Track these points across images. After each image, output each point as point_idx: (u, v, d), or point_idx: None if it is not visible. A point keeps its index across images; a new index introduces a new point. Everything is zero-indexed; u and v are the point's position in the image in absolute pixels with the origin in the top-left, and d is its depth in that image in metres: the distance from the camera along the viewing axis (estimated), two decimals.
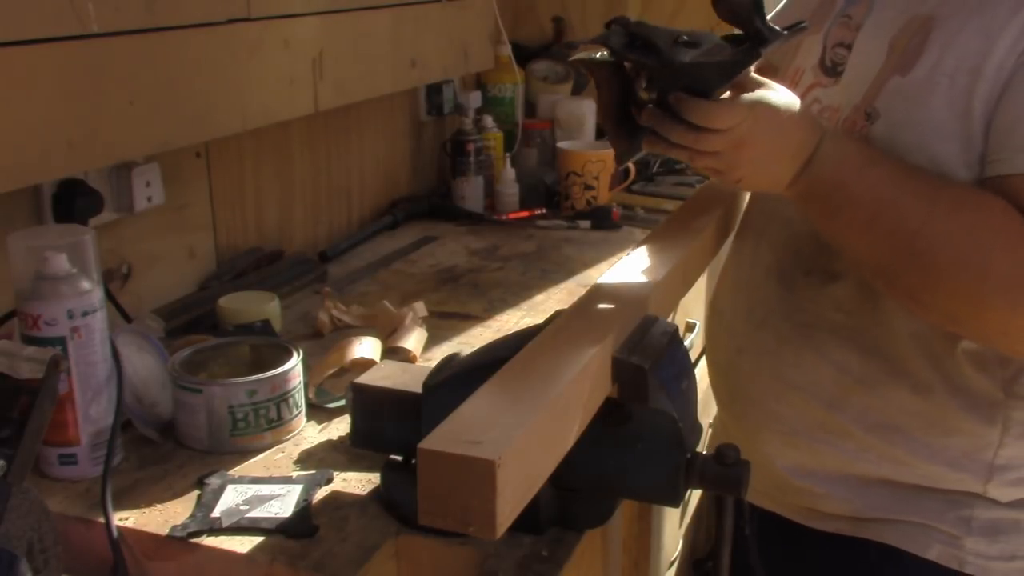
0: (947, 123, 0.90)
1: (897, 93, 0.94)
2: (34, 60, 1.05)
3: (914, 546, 1.00)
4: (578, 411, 0.77)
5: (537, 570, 0.86)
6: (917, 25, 0.94)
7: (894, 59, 0.95)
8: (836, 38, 1.04)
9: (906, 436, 0.99)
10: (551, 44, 2.36)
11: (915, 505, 1.01)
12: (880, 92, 0.95)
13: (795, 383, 1.04)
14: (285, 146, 1.68)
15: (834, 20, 1.05)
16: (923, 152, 0.91)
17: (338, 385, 1.17)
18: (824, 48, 1.05)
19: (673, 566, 1.66)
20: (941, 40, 0.92)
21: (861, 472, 1.02)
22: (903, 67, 0.94)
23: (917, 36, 0.94)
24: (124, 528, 0.91)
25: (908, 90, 0.93)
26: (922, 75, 0.92)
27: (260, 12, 1.38)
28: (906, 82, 0.93)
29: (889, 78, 0.95)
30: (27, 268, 0.96)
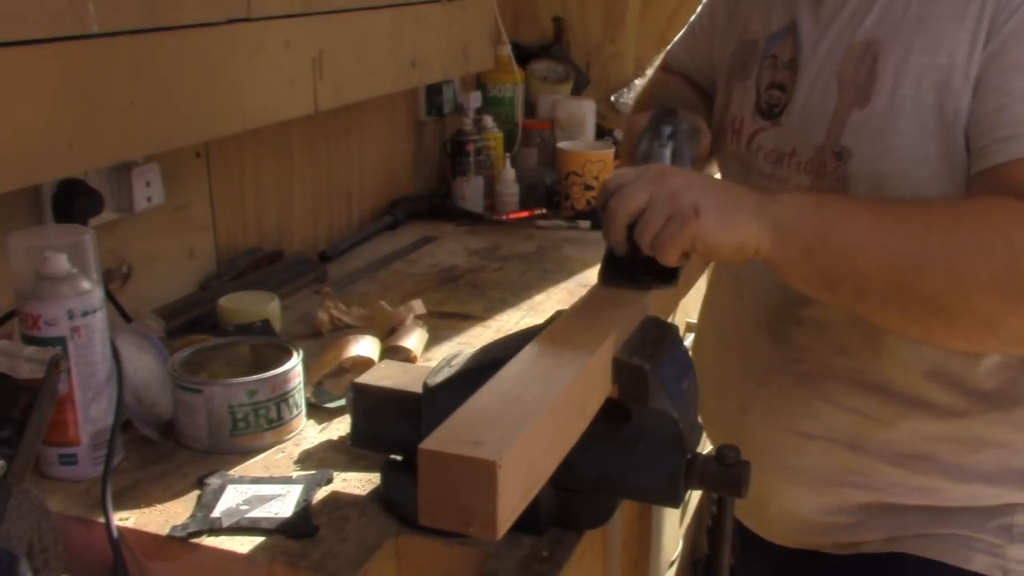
0: (923, 145, 0.88)
1: (863, 127, 0.91)
2: (34, 60, 1.05)
3: (955, 558, 0.97)
4: (579, 412, 0.77)
5: (537, 570, 0.86)
6: (859, 53, 0.92)
7: (848, 93, 0.93)
8: (767, 80, 1.02)
9: (936, 462, 0.97)
10: (551, 44, 2.36)
11: (954, 519, 0.98)
12: (844, 129, 0.92)
13: (811, 434, 1.01)
14: (285, 146, 1.68)
15: (761, 63, 1.03)
16: (906, 180, 0.89)
17: (338, 385, 1.17)
18: (758, 92, 1.03)
19: (673, 566, 1.66)
20: (892, 65, 0.90)
21: (894, 501, 1.00)
22: (860, 99, 0.92)
23: (864, 64, 0.91)
24: (124, 528, 0.91)
25: (873, 121, 0.90)
26: (883, 103, 0.90)
27: (260, 12, 1.38)
28: (868, 114, 0.91)
29: (848, 113, 0.92)
30: (27, 268, 0.95)
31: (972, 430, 0.96)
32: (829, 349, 0.98)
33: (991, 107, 0.84)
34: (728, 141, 1.08)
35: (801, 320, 1.00)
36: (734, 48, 1.10)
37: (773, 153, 1.01)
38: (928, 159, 0.88)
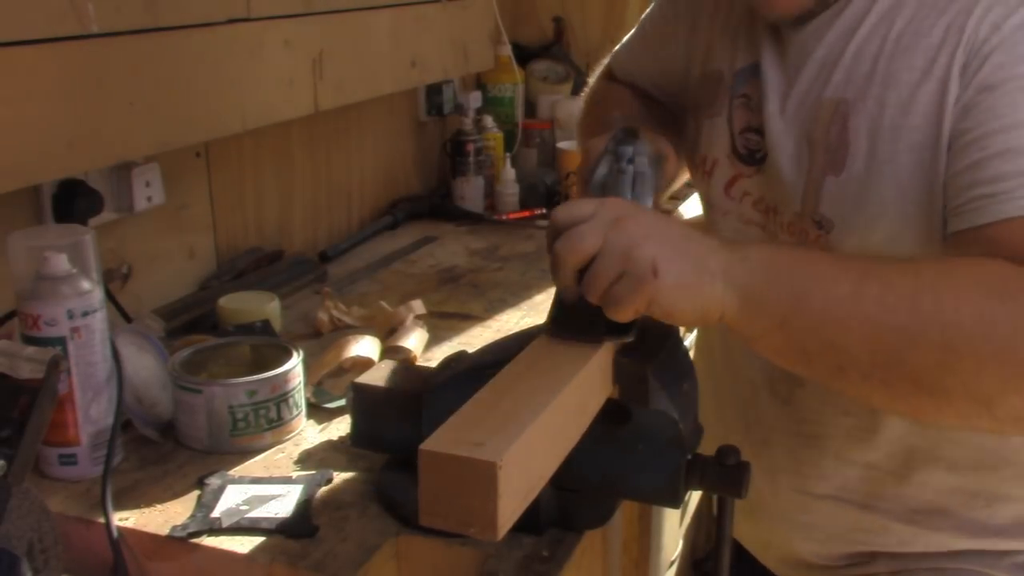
0: (905, 210, 0.82)
1: (840, 195, 0.85)
2: (34, 60, 1.05)
3: None
4: (579, 412, 0.77)
5: (537, 570, 0.86)
6: (828, 113, 0.86)
7: (819, 157, 0.86)
8: (742, 122, 0.95)
9: (949, 516, 0.94)
10: (551, 44, 2.36)
11: (965, 558, 0.96)
12: (820, 197, 0.86)
13: (821, 493, 0.97)
14: (285, 146, 1.68)
15: (732, 102, 0.96)
16: (892, 245, 0.83)
17: (338, 385, 1.17)
18: (732, 134, 0.96)
19: (673, 566, 1.66)
20: (865, 126, 0.84)
21: (909, 550, 0.97)
22: (834, 165, 0.85)
23: (834, 125, 0.85)
24: (124, 528, 0.91)
25: (851, 189, 0.85)
26: (860, 169, 0.84)
27: (260, 12, 1.38)
28: (844, 181, 0.85)
29: (823, 180, 0.86)
30: (27, 268, 0.95)
31: (986, 484, 0.93)
32: (835, 410, 0.94)
33: (966, 162, 0.77)
34: (697, 181, 1.02)
35: (803, 382, 0.94)
36: (697, 77, 1.02)
37: (762, 203, 0.94)
38: (912, 224, 0.83)
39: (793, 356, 0.74)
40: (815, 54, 0.88)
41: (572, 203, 0.75)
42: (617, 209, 0.73)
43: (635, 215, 0.73)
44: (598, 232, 0.71)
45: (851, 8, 0.87)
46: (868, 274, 0.72)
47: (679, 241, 0.72)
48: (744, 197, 0.96)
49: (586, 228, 0.72)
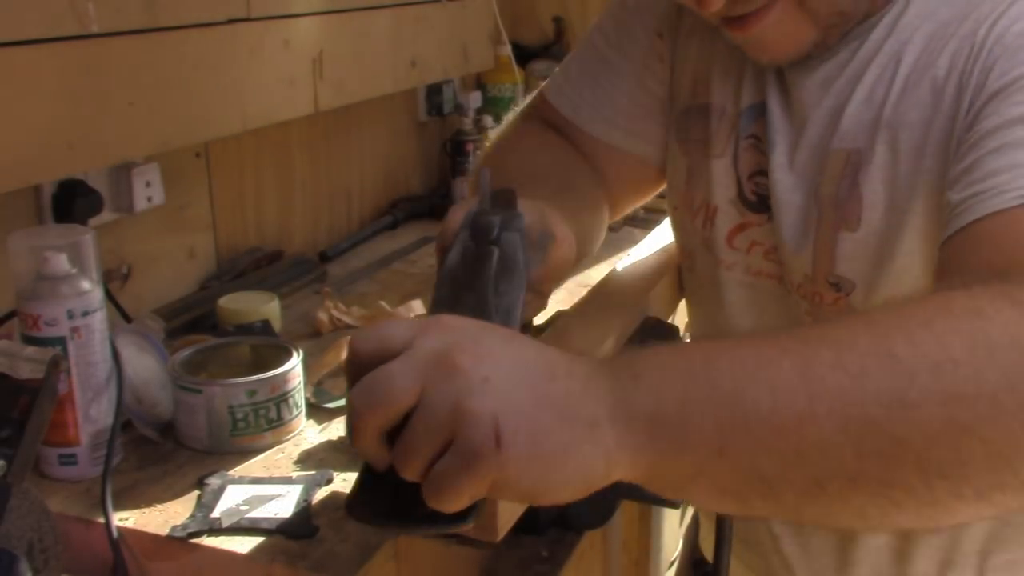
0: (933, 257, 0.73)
1: (859, 254, 0.79)
2: (34, 60, 1.05)
3: None
4: None
5: (537, 570, 0.86)
6: (839, 166, 0.80)
7: (830, 214, 0.80)
8: (751, 166, 0.87)
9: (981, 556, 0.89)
10: (551, 44, 2.36)
11: None
12: (836, 258, 0.80)
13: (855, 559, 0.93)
14: (285, 146, 1.68)
15: (739, 143, 0.87)
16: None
17: (338, 385, 1.17)
18: (738, 179, 0.88)
19: (673, 566, 1.66)
20: (879, 176, 0.78)
21: None
22: (848, 221, 0.79)
23: (844, 179, 0.79)
24: (124, 528, 0.91)
25: (871, 245, 0.78)
26: (878, 223, 0.78)
27: (260, 12, 1.38)
28: (862, 237, 0.79)
29: (836, 237, 0.80)
30: (27, 268, 0.95)
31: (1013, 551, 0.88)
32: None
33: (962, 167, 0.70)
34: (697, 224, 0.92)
35: None
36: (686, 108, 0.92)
37: (775, 252, 0.86)
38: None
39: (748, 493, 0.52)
40: (822, 103, 0.82)
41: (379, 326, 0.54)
42: (443, 335, 0.52)
43: (469, 346, 0.51)
44: (413, 377, 0.50)
45: (861, 53, 0.80)
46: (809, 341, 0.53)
47: (536, 383, 0.51)
48: (752, 248, 0.87)
49: (397, 370, 0.50)
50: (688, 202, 0.91)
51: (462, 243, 0.64)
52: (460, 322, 0.54)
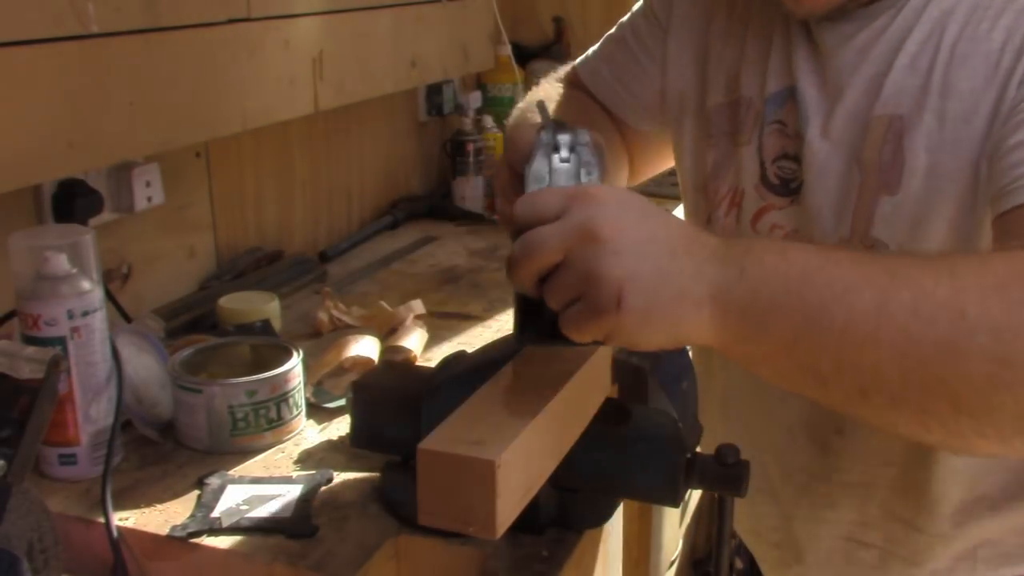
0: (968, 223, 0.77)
1: (896, 216, 0.80)
2: (34, 60, 1.05)
3: None
4: (578, 411, 0.77)
5: (537, 570, 0.86)
6: (880, 132, 0.81)
7: (872, 178, 0.81)
8: (775, 150, 0.88)
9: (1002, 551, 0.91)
10: (551, 44, 2.36)
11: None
12: (873, 219, 0.81)
13: (864, 541, 0.94)
14: (285, 146, 1.68)
15: (763, 129, 0.89)
16: None
17: (338, 385, 1.17)
18: (762, 163, 0.89)
19: (673, 566, 1.66)
20: (923, 142, 0.79)
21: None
22: (888, 185, 0.80)
23: (888, 144, 0.81)
24: (124, 528, 0.91)
25: (908, 208, 0.80)
26: (918, 187, 0.79)
27: (260, 12, 1.38)
28: (901, 200, 0.80)
29: (876, 201, 0.81)
30: (27, 268, 0.96)
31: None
32: (877, 459, 0.89)
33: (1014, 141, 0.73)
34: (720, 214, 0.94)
35: (841, 429, 0.90)
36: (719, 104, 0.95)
37: (794, 236, 0.88)
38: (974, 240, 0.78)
39: (802, 380, 0.63)
40: (861, 70, 0.83)
41: (538, 195, 0.64)
42: (590, 209, 0.61)
43: (610, 220, 0.60)
44: (561, 241, 0.61)
45: (899, 20, 0.82)
46: (896, 278, 0.60)
47: (659, 258, 0.60)
48: (773, 230, 0.89)
49: (548, 234, 0.61)
50: (713, 193, 0.94)
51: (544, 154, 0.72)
52: (606, 195, 0.63)
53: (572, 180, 0.71)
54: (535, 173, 0.72)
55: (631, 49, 1.05)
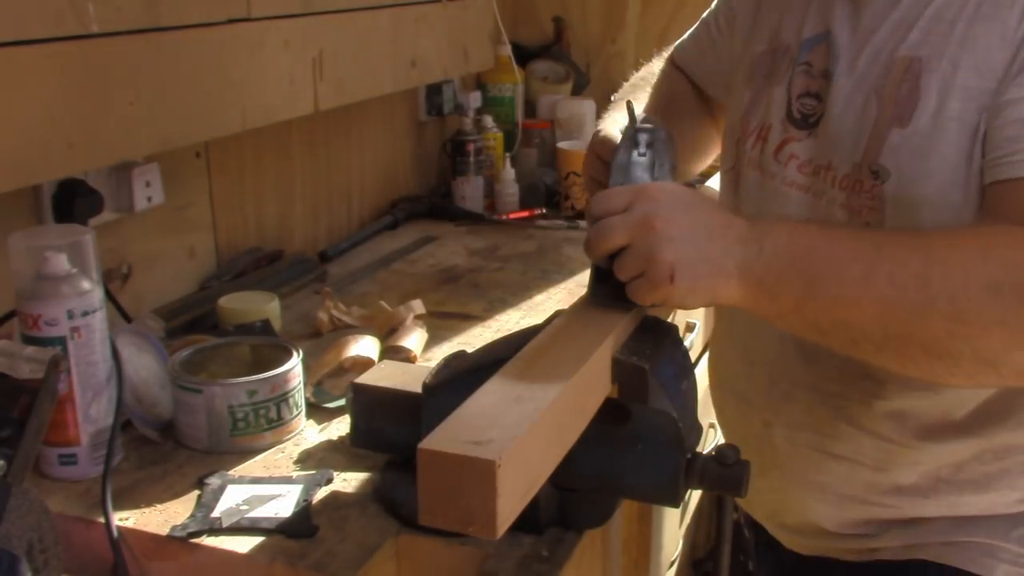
0: (961, 167, 0.85)
1: (903, 147, 0.88)
2: (34, 60, 1.05)
3: (978, 567, 0.96)
4: (578, 411, 0.77)
5: (537, 570, 0.86)
6: (901, 70, 0.89)
7: (888, 110, 0.90)
8: (800, 88, 0.99)
9: (964, 477, 0.96)
10: (551, 44, 2.36)
11: (976, 528, 0.97)
12: (882, 148, 0.90)
13: (836, 453, 1.00)
14: (285, 146, 1.68)
15: (793, 70, 1.00)
16: (943, 201, 0.86)
17: (338, 385, 1.17)
18: (789, 100, 1.00)
19: (673, 566, 1.66)
20: (937, 84, 0.87)
21: (917, 515, 0.99)
22: (901, 118, 0.89)
23: (906, 82, 0.89)
24: (124, 528, 0.91)
25: (914, 142, 0.88)
26: (926, 123, 0.87)
27: (260, 12, 1.38)
28: (909, 133, 0.88)
29: (888, 131, 0.89)
30: (27, 268, 0.96)
31: (997, 438, 0.94)
32: (857, 371, 0.95)
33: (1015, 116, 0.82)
34: (747, 147, 1.04)
35: None
36: (761, 52, 1.06)
37: (809, 165, 0.97)
38: (965, 182, 0.86)
39: (807, 333, 0.82)
40: (892, 16, 0.92)
41: (607, 194, 0.82)
42: (648, 205, 0.80)
43: (663, 214, 0.79)
44: (626, 230, 0.79)
45: None
46: (880, 252, 0.77)
47: (700, 243, 0.79)
48: (790, 160, 0.99)
49: (617, 223, 0.80)
50: (745, 128, 1.04)
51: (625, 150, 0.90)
52: (661, 193, 0.81)
53: (647, 171, 0.88)
54: (618, 164, 0.89)
55: (711, 28, 1.20)
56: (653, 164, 0.89)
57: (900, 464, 0.97)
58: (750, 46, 1.09)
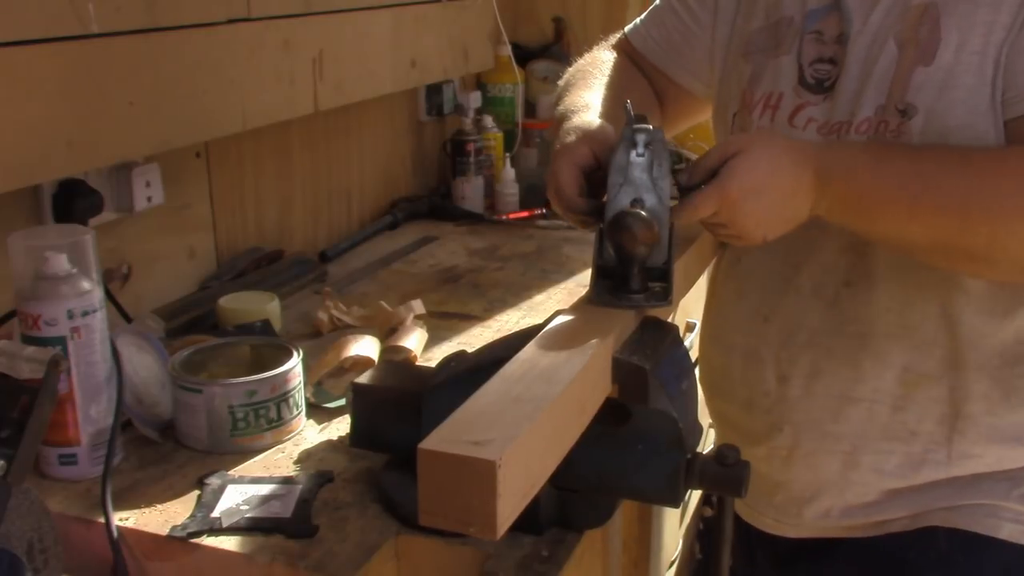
0: (983, 94, 0.91)
1: (928, 83, 0.94)
2: (34, 60, 1.05)
3: (984, 527, 0.99)
4: (579, 411, 0.77)
5: (537, 570, 0.86)
6: (917, 15, 0.95)
7: (910, 52, 0.95)
8: (813, 55, 1.03)
9: (974, 421, 0.99)
10: (551, 44, 2.36)
11: (978, 490, 1.00)
12: (908, 87, 0.95)
13: (855, 396, 1.02)
14: (285, 146, 1.68)
15: (801, 39, 1.04)
16: (969, 130, 0.92)
17: (338, 385, 1.17)
18: (800, 68, 1.04)
19: (673, 566, 1.66)
20: (956, 23, 0.92)
21: (926, 478, 1.01)
22: (924, 57, 0.94)
23: (925, 25, 0.94)
24: (124, 528, 0.91)
25: (939, 77, 0.93)
26: (949, 58, 0.93)
27: (260, 12, 1.38)
28: (934, 70, 0.93)
29: (912, 71, 0.95)
30: (27, 268, 0.96)
31: (1006, 382, 0.98)
32: (879, 308, 1.00)
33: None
34: (755, 117, 1.08)
35: (850, 281, 1.01)
36: (758, 28, 1.09)
37: (826, 126, 1.01)
38: (985, 110, 0.91)
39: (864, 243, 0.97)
40: None
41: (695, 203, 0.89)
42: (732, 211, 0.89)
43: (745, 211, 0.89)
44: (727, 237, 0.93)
45: None
46: (924, 181, 0.88)
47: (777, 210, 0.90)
48: (808, 124, 1.03)
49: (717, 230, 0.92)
50: (749, 100, 1.08)
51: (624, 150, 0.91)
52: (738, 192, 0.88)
53: (646, 171, 0.91)
54: (617, 163, 0.90)
55: (680, 15, 1.19)
56: (651, 164, 0.90)
57: (917, 401, 1.00)
58: (741, 24, 1.11)
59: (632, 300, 0.88)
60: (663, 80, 1.21)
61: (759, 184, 0.89)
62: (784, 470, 1.07)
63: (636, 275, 0.87)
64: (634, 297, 0.88)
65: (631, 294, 0.88)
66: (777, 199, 0.90)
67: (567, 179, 0.95)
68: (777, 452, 1.07)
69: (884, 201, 0.89)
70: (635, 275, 0.87)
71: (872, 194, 0.90)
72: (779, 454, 1.07)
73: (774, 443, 1.06)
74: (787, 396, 1.05)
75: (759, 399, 1.07)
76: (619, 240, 0.85)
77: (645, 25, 1.24)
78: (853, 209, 0.91)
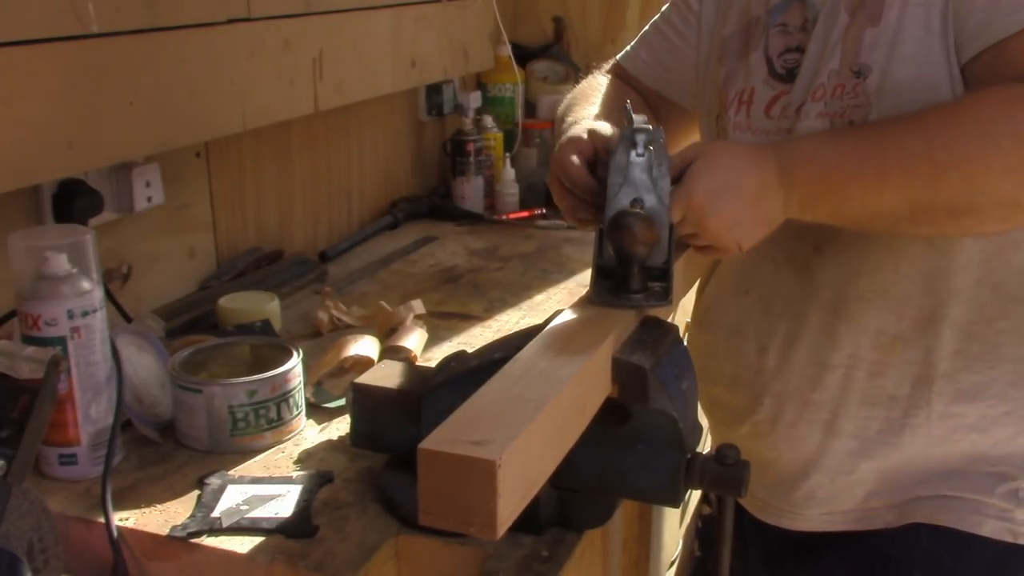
0: (931, 46, 0.92)
1: (879, 41, 0.95)
2: (34, 60, 1.05)
3: (967, 524, 0.99)
4: (579, 411, 0.77)
5: (537, 570, 0.86)
6: None
7: (859, 16, 0.97)
8: (780, 47, 1.05)
9: (952, 379, 0.99)
10: (551, 44, 2.36)
11: (964, 480, 1.00)
12: (861, 48, 0.97)
13: (832, 363, 1.03)
14: (285, 146, 1.68)
15: (767, 34, 1.06)
16: (920, 83, 0.93)
17: (338, 385, 1.17)
18: (769, 60, 1.06)
19: (673, 566, 1.66)
20: None
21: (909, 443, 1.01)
22: (873, 18, 0.96)
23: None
24: (124, 528, 0.91)
25: (888, 34, 0.95)
26: (895, 15, 0.94)
27: (260, 12, 1.38)
28: (883, 28, 0.95)
29: (862, 33, 0.96)
30: (27, 268, 0.96)
31: (985, 342, 0.98)
32: (851, 270, 1.01)
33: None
34: (731, 115, 1.09)
35: (819, 246, 1.03)
36: (731, 32, 1.11)
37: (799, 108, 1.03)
38: (937, 60, 0.93)
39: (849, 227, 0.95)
40: None
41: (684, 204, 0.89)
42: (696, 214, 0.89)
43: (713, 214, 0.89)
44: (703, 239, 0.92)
45: None
46: (885, 146, 0.88)
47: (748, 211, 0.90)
48: (784, 112, 1.04)
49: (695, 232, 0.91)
50: (724, 100, 1.09)
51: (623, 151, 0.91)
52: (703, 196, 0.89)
53: (646, 172, 0.91)
54: (616, 163, 0.91)
55: (666, 35, 1.22)
56: (651, 165, 0.90)
57: (894, 365, 1.00)
58: (718, 30, 1.13)
59: (632, 300, 0.88)
60: (657, 99, 1.24)
61: (722, 184, 0.89)
62: (770, 447, 1.08)
63: (636, 275, 0.87)
64: (634, 297, 0.88)
65: (631, 294, 0.88)
66: (745, 200, 0.90)
67: (573, 161, 0.96)
68: (760, 427, 1.08)
69: (852, 175, 0.89)
70: (635, 275, 0.87)
71: (838, 172, 0.90)
72: (762, 428, 1.08)
73: (756, 417, 1.08)
74: (766, 367, 1.07)
75: (742, 373, 1.09)
76: (619, 240, 0.85)
77: (635, 49, 1.27)
78: (824, 193, 0.91)
